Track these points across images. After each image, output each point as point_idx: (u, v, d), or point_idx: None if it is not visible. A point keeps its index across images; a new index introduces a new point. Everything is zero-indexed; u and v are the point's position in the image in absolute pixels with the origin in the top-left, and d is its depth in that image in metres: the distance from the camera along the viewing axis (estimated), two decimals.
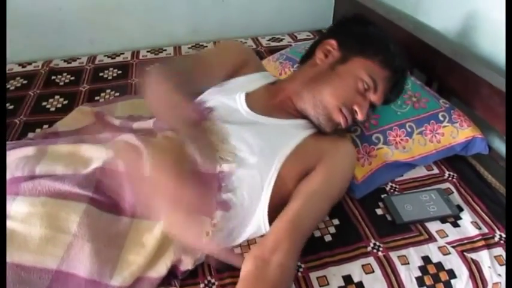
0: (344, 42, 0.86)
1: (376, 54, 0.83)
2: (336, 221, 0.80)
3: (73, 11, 1.45)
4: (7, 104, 1.16)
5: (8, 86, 1.26)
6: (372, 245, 0.76)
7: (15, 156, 0.69)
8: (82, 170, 0.67)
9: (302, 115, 0.84)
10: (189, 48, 1.52)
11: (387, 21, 1.27)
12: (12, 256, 0.58)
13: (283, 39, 1.60)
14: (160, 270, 0.65)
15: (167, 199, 0.60)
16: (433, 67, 1.11)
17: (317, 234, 0.77)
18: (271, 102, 0.84)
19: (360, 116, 0.80)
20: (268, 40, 1.59)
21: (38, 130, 1.06)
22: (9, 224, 0.61)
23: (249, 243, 0.75)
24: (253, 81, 0.88)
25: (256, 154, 0.72)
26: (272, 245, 0.65)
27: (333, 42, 0.87)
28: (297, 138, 0.78)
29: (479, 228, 0.79)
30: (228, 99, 0.81)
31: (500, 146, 1.03)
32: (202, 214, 0.65)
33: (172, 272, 0.67)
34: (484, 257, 0.74)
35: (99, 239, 0.62)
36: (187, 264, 0.68)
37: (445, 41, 1.15)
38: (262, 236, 0.73)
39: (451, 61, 1.02)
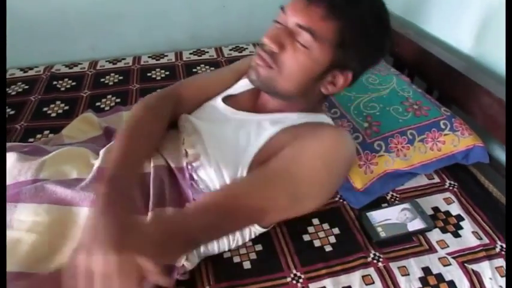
0: None
1: None
2: (336, 231, 0.80)
3: (75, 16, 1.45)
4: (8, 109, 1.17)
5: (9, 91, 1.26)
6: (372, 255, 0.75)
7: (13, 158, 0.69)
8: (86, 175, 0.68)
9: (281, 106, 0.77)
10: (189, 53, 1.52)
11: None
12: (21, 266, 0.58)
13: None
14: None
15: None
16: (434, 75, 1.11)
17: (317, 244, 0.77)
18: (254, 100, 0.81)
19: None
20: None
21: (38, 136, 1.06)
22: (15, 234, 0.61)
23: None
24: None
25: (224, 151, 0.71)
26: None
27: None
28: (271, 130, 0.72)
29: (480, 239, 0.78)
30: (215, 99, 0.82)
31: (501, 155, 1.02)
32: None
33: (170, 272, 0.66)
34: (485, 268, 0.73)
35: None
36: (181, 261, 0.67)
37: (446, 48, 1.14)
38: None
39: (452, 69, 1.02)
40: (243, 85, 0.84)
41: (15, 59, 1.42)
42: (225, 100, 0.81)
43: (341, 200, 0.87)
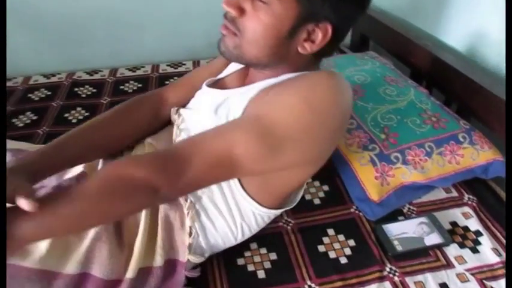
0: None
1: None
2: (351, 242, 0.80)
3: (96, 25, 1.49)
4: (31, 115, 1.21)
5: (32, 97, 1.30)
6: (388, 269, 0.74)
7: None
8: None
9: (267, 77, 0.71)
10: (207, 62, 1.54)
11: (405, 39, 1.26)
12: (42, 264, 0.60)
13: None
14: (157, 259, 0.66)
15: None
16: (452, 87, 1.10)
17: (332, 255, 0.77)
18: (242, 79, 0.78)
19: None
20: None
21: None
22: None
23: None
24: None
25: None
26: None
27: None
28: (251, 93, 0.67)
29: (500, 255, 0.77)
30: (201, 87, 0.81)
31: None
32: None
33: (176, 268, 0.68)
34: (504, 286, 0.71)
35: (113, 238, 0.64)
36: (184, 254, 0.67)
37: (465, 60, 1.13)
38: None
39: (471, 81, 1.01)
40: (230, 69, 0.81)
41: (40, 66, 1.47)
42: (212, 85, 0.79)
43: (357, 212, 0.87)
